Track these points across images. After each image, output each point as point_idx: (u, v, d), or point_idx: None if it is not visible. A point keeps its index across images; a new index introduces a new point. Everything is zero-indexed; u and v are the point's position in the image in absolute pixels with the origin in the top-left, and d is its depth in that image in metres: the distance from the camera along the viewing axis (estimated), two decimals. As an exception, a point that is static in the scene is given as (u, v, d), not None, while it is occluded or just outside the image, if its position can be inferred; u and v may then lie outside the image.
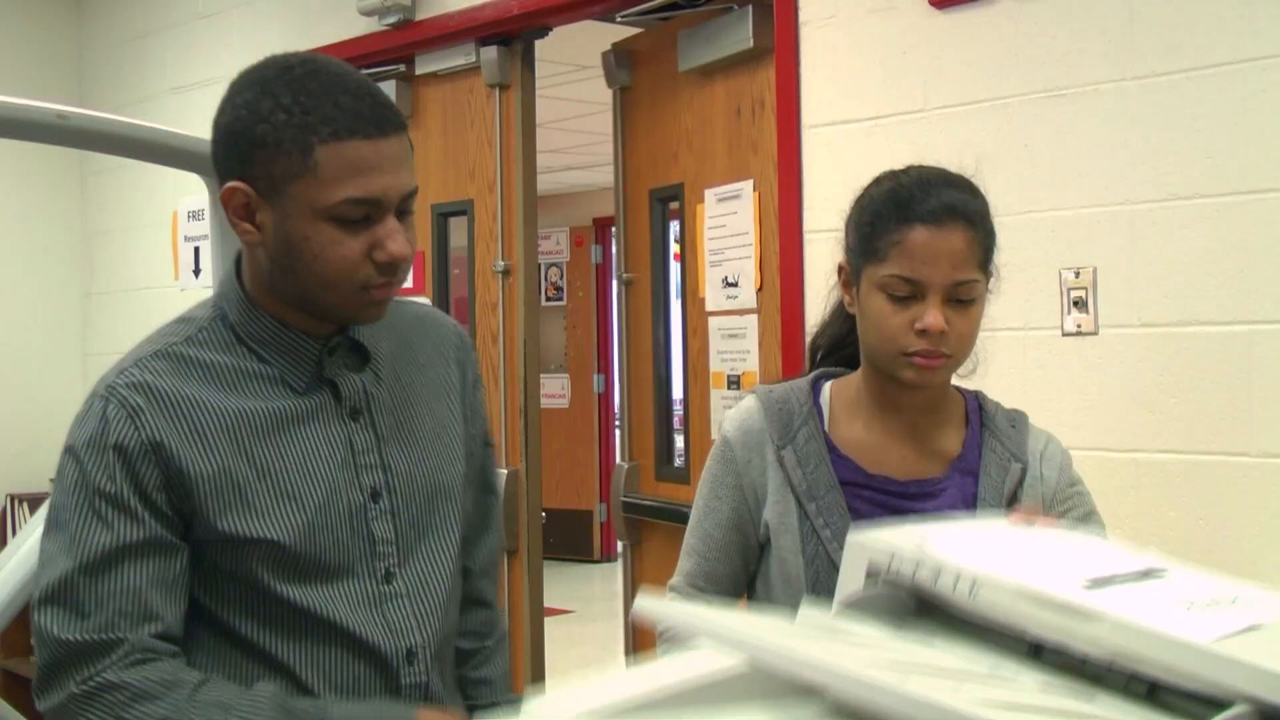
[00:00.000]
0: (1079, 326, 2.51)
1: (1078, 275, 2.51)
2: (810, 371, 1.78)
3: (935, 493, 1.64)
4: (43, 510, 2.29)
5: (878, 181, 1.68)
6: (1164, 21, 2.40)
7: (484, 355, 3.72)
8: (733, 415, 1.72)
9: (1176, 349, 2.39)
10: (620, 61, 3.58)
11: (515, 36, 3.59)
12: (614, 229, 3.69)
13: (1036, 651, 1.00)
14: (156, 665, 1.36)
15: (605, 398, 8.80)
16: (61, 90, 4.72)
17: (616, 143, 3.64)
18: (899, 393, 1.65)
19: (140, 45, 4.65)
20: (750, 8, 3.04)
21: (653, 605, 1.05)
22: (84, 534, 1.38)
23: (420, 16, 3.73)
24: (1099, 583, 1.02)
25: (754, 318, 3.13)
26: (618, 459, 3.74)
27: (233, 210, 1.41)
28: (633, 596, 3.52)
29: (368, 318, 1.46)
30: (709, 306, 3.27)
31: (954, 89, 2.68)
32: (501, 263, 3.64)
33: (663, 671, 0.98)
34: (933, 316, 1.56)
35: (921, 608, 1.09)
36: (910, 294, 1.57)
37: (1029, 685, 0.94)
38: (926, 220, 1.57)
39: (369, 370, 1.51)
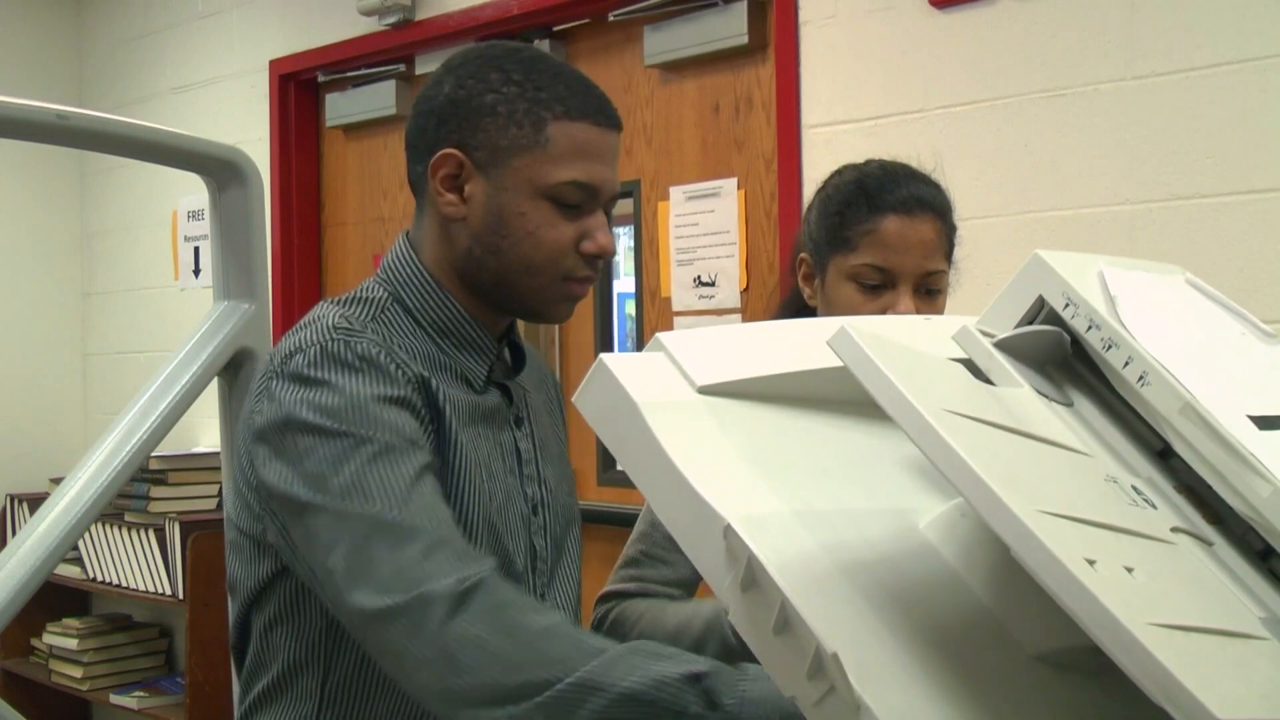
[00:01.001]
0: (1079, 326, 2.51)
1: (1078, 275, 2.50)
2: None
3: None
4: (43, 509, 2.29)
5: (839, 173, 1.67)
6: (1164, 21, 2.41)
7: (484, 355, 3.71)
8: None
9: (1176, 349, 2.39)
10: (554, 53, 3.53)
11: (515, 36, 3.59)
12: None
13: (1166, 451, 0.94)
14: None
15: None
16: (61, 90, 4.72)
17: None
18: None
19: (140, 45, 4.65)
20: (745, 3, 3.03)
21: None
22: (394, 465, 1.22)
23: (420, 16, 3.72)
24: (1269, 422, 0.92)
25: (737, 318, 3.12)
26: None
27: (440, 179, 1.35)
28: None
29: (557, 314, 1.39)
30: (676, 306, 3.26)
31: (954, 89, 2.68)
32: (501, 263, 3.64)
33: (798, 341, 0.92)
34: (905, 305, 1.55)
35: (1080, 355, 0.99)
36: (881, 283, 1.57)
37: (1159, 523, 0.88)
38: (899, 210, 1.57)
39: (517, 382, 1.45)
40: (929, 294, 1.58)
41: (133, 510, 4.00)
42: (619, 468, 0.87)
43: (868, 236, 1.57)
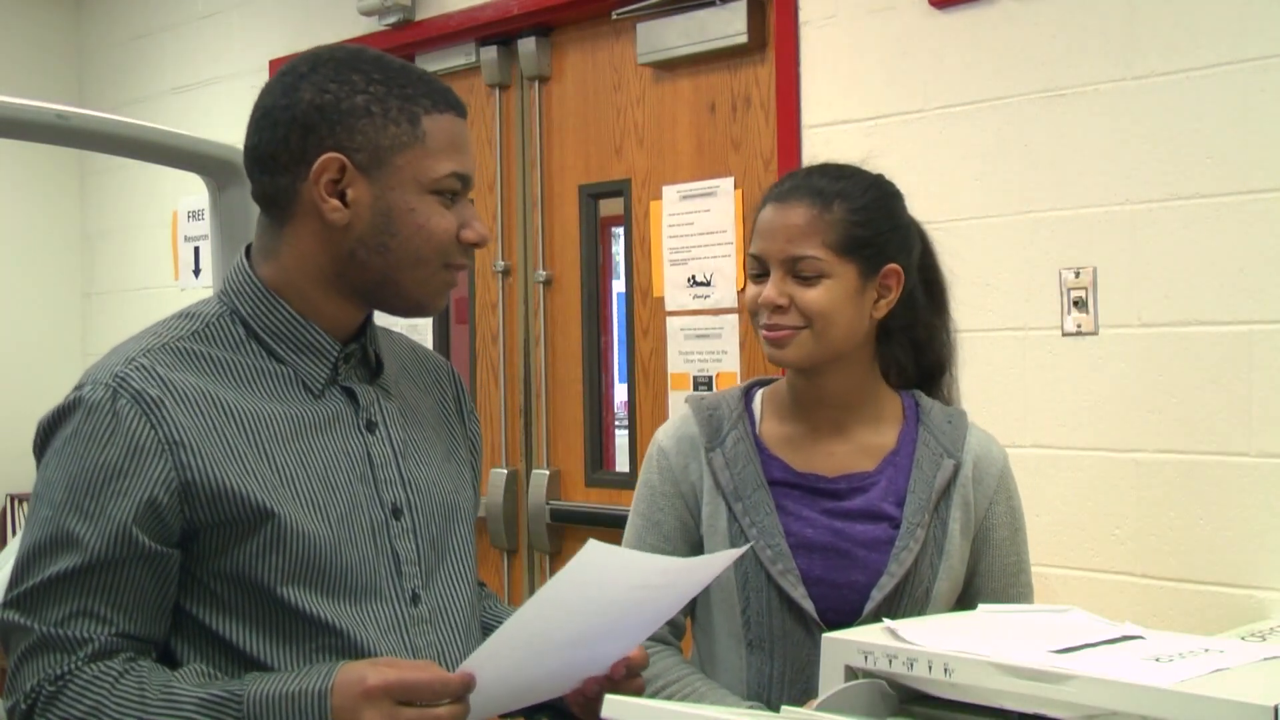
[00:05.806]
0: (1079, 326, 2.51)
1: (1078, 275, 2.51)
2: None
3: (865, 487, 1.64)
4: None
5: None
6: (1164, 21, 2.41)
7: (484, 355, 3.72)
8: (667, 425, 1.74)
9: (1176, 349, 2.39)
10: (540, 50, 3.54)
11: (515, 36, 3.59)
12: (521, 227, 3.60)
13: None
14: (97, 665, 1.27)
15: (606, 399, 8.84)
16: (61, 90, 4.72)
17: (536, 135, 3.59)
18: (807, 387, 1.67)
19: (140, 45, 4.66)
20: (744, 3, 3.03)
21: (625, 705, 1.07)
22: (60, 539, 1.31)
23: (420, 16, 3.73)
24: (1068, 650, 1.07)
25: (734, 317, 3.11)
26: (533, 466, 3.59)
27: (323, 186, 1.34)
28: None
29: (437, 305, 1.42)
30: (670, 306, 3.25)
31: (954, 89, 2.68)
32: (501, 263, 3.65)
33: None
34: (767, 289, 1.61)
35: (905, 699, 1.11)
36: (761, 271, 1.64)
37: None
38: (774, 199, 1.65)
39: (378, 385, 1.45)
40: (802, 280, 1.61)
41: (133, 510, 3.99)
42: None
43: (754, 229, 1.66)
